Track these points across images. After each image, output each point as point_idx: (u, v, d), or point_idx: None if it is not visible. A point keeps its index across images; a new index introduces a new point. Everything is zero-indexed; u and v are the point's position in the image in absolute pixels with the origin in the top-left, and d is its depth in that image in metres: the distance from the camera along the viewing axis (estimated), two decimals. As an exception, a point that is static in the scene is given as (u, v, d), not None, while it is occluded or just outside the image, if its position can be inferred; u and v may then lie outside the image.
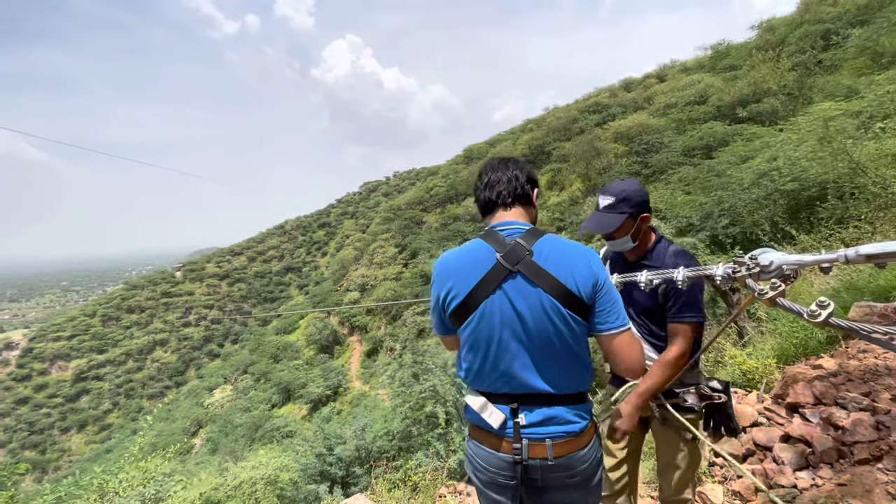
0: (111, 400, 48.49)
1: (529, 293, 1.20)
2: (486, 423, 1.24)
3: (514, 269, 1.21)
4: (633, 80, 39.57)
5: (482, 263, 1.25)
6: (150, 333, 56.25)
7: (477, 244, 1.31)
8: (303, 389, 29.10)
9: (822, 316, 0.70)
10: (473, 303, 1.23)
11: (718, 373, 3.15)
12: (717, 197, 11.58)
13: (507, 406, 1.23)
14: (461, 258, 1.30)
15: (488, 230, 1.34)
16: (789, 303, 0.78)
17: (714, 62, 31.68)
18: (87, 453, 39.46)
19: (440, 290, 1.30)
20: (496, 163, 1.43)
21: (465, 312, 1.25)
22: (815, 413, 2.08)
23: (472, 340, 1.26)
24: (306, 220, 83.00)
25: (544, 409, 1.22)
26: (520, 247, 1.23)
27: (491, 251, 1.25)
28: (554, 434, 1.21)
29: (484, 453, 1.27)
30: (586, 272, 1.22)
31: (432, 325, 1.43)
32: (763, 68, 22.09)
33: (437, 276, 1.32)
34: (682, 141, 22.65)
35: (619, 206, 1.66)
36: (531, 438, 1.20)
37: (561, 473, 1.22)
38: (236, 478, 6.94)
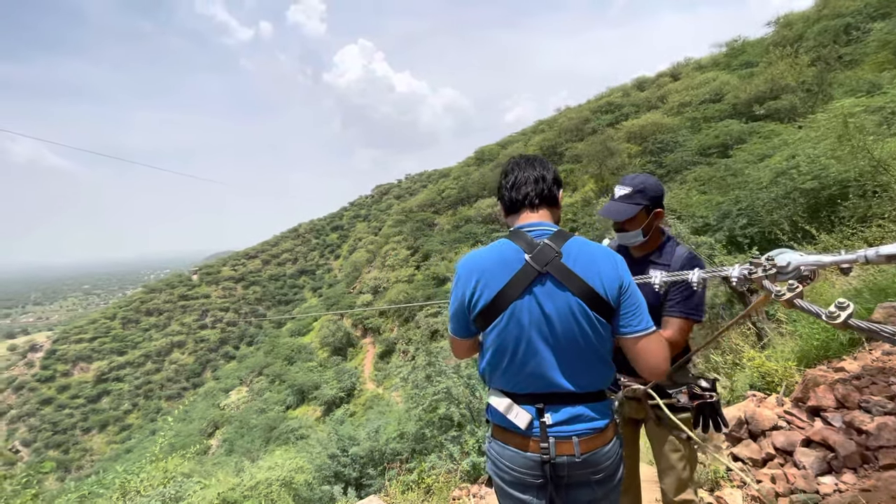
0: (131, 401, 49.52)
1: (558, 295, 1.20)
2: (512, 423, 1.24)
3: (543, 270, 1.21)
4: (646, 80, 39.13)
5: (511, 264, 1.24)
6: (168, 335, 57.33)
7: (504, 244, 1.29)
8: (317, 391, 29.34)
9: (841, 317, 0.69)
10: (503, 303, 1.22)
11: (737, 375, 3.10)
12: (734, 196, 11.38)
13: (532, 406, 1.24)
14: (488, 258, 1.28)
15: (515, 230, 1.32)
16: (808, 304, 0.77)
17: (729, 59, 31.16)
18: (108, 453, 40.31)
19: (465, 289, 1.27)
20: (522, 162, 1.42)
21: (493, 313, 1.24)
22: (837, 417, 2.03)
23: (500, 341, 1.25)
24: (319, 224, 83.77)
25: (569, 408, 1.23)
26: (549, 248, 1.23)
27: (519, 252, 1.25)
28: (580, 431, 1.22)
29: (510, 453, 1.27)
30: (613, 275, 1.23)
31: (449, 328, 1.37)
32: (781, 64, 21.66)
33: (462, 276, 1.30)
34: (697, 140, 22.32)
35: (634, 197, 1.66)
36: (558, 437, 1.21)
37: (586, 470, 1.23)
38: (252, 478, 7.04)
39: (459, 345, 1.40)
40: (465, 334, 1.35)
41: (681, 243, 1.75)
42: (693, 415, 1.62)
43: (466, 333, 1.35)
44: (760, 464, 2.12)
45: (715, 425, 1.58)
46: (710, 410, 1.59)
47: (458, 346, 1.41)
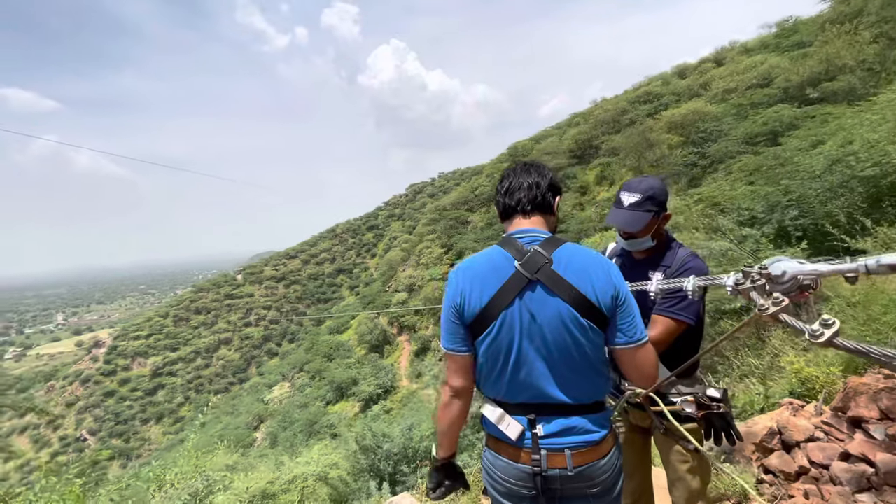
0: (183, 394, 52.57)
1: (548, 303, 1.18)
2: (503, 434, 1.22)
3: (533, 277, 1.18)
4: (687, 66, 37.32)
5: (501, 272, 1.22)
6: (216, 333, 60.35)
7: (495, 252, 1.28)
8: (355, 387, 30.03)
9: (825, 336, 0.62)
10: (493, 312, 1.20)
11: (774, 381, 2.90)
12: (783, 187, 10.68)
13: (524, 417, 1.22)
14: (479, 266, 1.27)
15: (506, 238, 1.31)
16: (791, 319, 0.71)
17: (780, 40, 29.21)
18: (164, 443, 42.94)
19: (456, 298, 1.25)
20: (519, 168, 1.40)
21: (484, 322, 1.21)
22: (880, 429, 1.86)
23: (491, 350, 1.22)
24: (355, 223, 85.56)
25: (562, 420, 1.20)
26: (539, 255, 1.20)
27: (509, 259, 1.23)
28: (573, 444, 1.19)
29: (502, 464, 1.25)
30: (606, 283, 1.19)
31: (442, 342, 1.31)
32: (837, 43, 20.07)
33: (453, 285, 1.27)
34: (743, 128, 21.07)
35: (645, 204, 1.59)
36: (550, 449, 1.19)
37: (581, 484, 1.20)
38: (290, 472, 7.29)
39: (455, 362, 1.29)
40: (460, 346, 1.27)
41: (682, 245, 1.68)
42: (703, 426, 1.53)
43: (461, 345, 1.27)
44: (793, 478, 1.98)
45: (728, 438, 1.49)
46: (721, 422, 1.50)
47: (454, 363, 1.29)
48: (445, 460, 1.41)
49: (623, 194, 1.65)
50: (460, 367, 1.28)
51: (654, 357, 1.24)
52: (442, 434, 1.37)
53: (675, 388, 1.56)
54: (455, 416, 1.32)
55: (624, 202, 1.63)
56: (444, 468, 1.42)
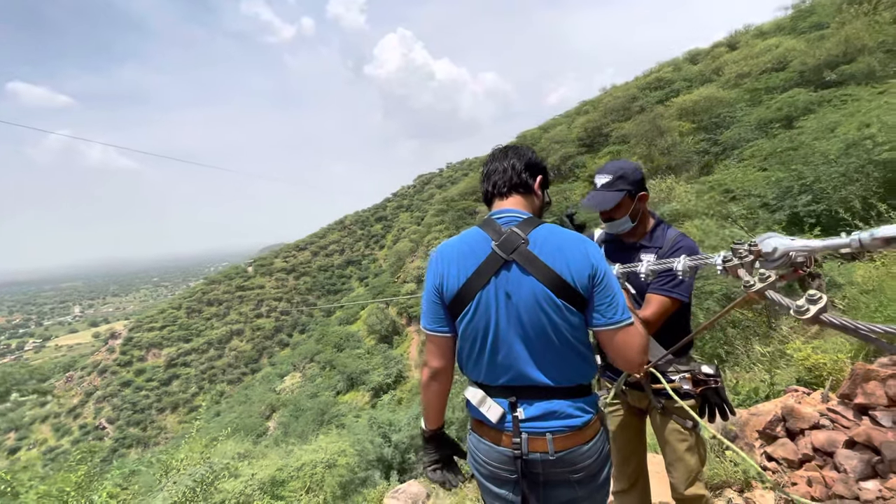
0: (197, 384, 53.55)
1: (523, 282, 1.17)
2: (485, 416, 1.22)
3: (508, 257, 1.18)
4: (699, 51, 36.41)
5: (478, 252, 1.22)
6: (228, 324, 61.19)
7: (474, 233, 1.28)
8: (365, 376, 30.34)
9: (811, 312, 0.59)
10: (470, 293, 1.20)
11: (781, 369, 2.86)
12: (796, 172, 10.43)
13: (505, 399, 1.21)
14: (457, 247, 1.27)
15: (486, 219, 1.30)
16: (777, 296, 0.67)
17: (796, 22, 28.36)
18: (179, 431, 43.91)
19: (436, 279, 1.26)
20: (497, 153, 1.41)
21: (461, 303, 1.21)
22: (887, 416, 1.81)
23: (469, 331, 1.22)
24: (364, 215, 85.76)
25: (543, 403, 1.19)
26: (515, 235, 1.20)
27: (487, 239, 1.23)
28: (554, 428, 1.18)
29: (484, 447, 1.26)
30: (583, 262, 1.16)
31: (423, 322, 1.32)
32: (857, 23, 19.44)
33: (433, 266, 1.29)
34: (756, 113, 20.59)
35: (616, 184, 1.61)
36: (530, 432, 1.18)
37: (563, 468, 1.19)
38: (299, 460, 7.42)
39: (434, 342, 1.29)
40: (440, 326, 1.27)
41: (671, 226, 1.69)
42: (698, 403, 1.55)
43: (441, 325, 1.27)
44: (797, 465, 1.95)
45: (721, 413, 1.51)
46: (715, 398, 1.52)
47: (433, 343, 1.30)
48: (432, 431, 1.43)
49: (596, 177, 1.68)
50: (439, 347, 1.29)
51: (640, 341, 1.19)
52: (426, 411, 1.40)
53: (672, 366, 1.58)
54: (434, 395, 1.34)
55: (597, 184, 1.66)
56: (434, 439, 1.44)
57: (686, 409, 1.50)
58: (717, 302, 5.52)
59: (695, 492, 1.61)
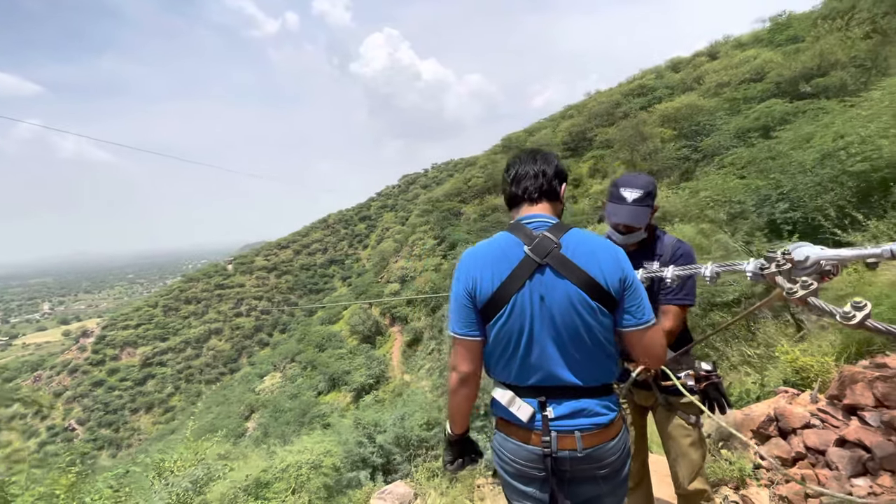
0: (173, 384, 52.24)
1: (558, 286, 1.21)
2: (514, 416, 1.25)
3: (542, 261, 1.21)
4: (681, 60, 37.29)
5: (511, 256, 1.25)
6: (206, 323, 59.89)
7: (504, 237, 1.30)
8: (347, 377, 30.08)
9: (857, 318, 0.63)
10: (505, 296, 1.22)
11: (768, 370, 2.96)
12: (774, 180, 10.78)
13: (534, 399, 1.24)
14: (489, 251, 1.29)
15: (515, 223, 1.33)
16: (822, 303, 0.71)
17: (773, 35, 29.31)
18: (153, 433, 42.76)
19: (468, 283, 1.27)
20: (524, 156, 1.44)
21: (496, 306, 1.23)
22: (875, 416, 1.90)
23: (503, 334, 1.24)
24: (348, 214, 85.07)
25: (572, 402, 1.23)
26: (548, 240, 1.24)
27: (519, 244, 1.26)
28: (583, 426, 1.22)
29: (512, 446, 1.28)
30: (615, 266, 1.22)
31: (453, 327, 1.30)
32: (830, 38, 20.20)
33: (464, 270, 1.29)
34: (735, 122, 21.20)
35: (646, 200, 1.66)
36: (560, 431, 1.21)
37: (590, 465, 1.23)
38: (283, 461, 7.31)
39: (466, 347, 1.29)
40: (471, 330, 1.28)
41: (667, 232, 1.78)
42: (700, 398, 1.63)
43: (472, 329, 1.28)
44: (790, 463, 2.03)
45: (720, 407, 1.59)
46: (714, 392, 1.61)
47: (464, 348, 1.29)
48: (459, 436, 1.45)
49: (624, 190, 1.68)
50: (470, 351, 1.29)
51: (663, 338, 1.28)
52: (453, 416, 1.41)
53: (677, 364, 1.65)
54: (463, 400, 1.34)
55: (627, 198, 1.67)
56: (459, 442, 1.46)
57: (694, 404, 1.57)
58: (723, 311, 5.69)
59: (697, 486, 1.66)
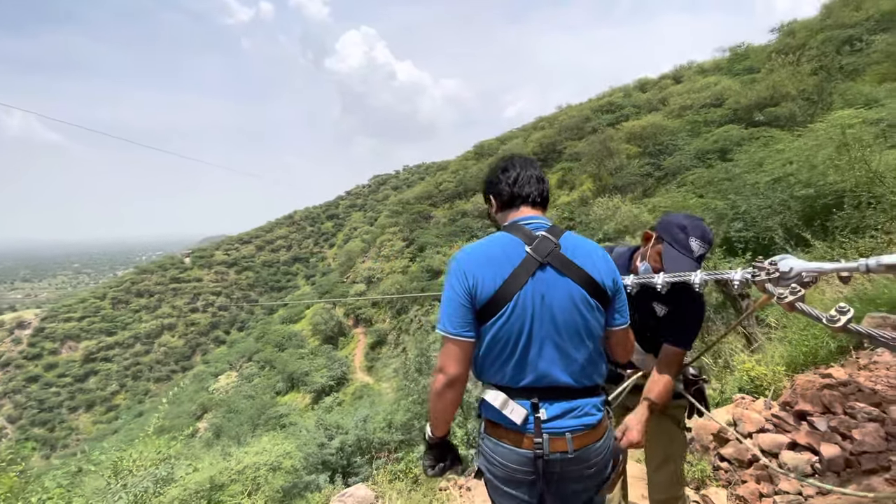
0: (119, 381, 49.32)
1: (560, 284, 1.23)
2: (506, 419, 1.22)
3: (544, 260, 1.23)
4: (648, 81, 39.04)
5: (512, 256, 1.25)
6: (159, 318, 57.03)
7: (503, 237, 1.30)
8: (306, 378, 29.38)
9: (841, 321, 0.71)
10: (506, 295, 1.21)
11: (727, 378, 3.16)
12: (730, 201, 11.44)
13: (527, 401, 1.23)
14: (489, 250, 1.27)
15: (513, 224, 1.34)
16: (809, 308, 0.79)
17: (732, 64, 31.17)
18: (94, 433, 40.19)
19: (467, 282, 1.23)
20: (523, 161, 1.45)
21: (496, 306, 1.21)
22: (823, 421, 2.07)
23: (501, 334, 1.22)
24: (315, 211, 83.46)
25: (563, 403, 1.23)
26: (547, 240, 1.26)
27: (520, 243, 1.26)
28: (573, 427, 1.22)
29: (503, 450, 1.25)
30: (609, 267, 1.31)
31: (445, 326, 1.24)
32: (782, 72, 21.70)
33: (463, 268, 1.25)
34: (696, 144, 22.36)
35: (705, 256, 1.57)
36: (552, 433, 1.21)
37: (579, 465, 1.24)
38: (240, 462, 7.05)
39: (458, 347, 1.24)
40: (466, 331, 1.23)
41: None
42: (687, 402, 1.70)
43: (468, 330, 1.23)
44: (746, 465, 2.17)
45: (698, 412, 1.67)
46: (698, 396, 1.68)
47: (456, 348, 1.24)
48: (440, 439, 1.42)
49: (693, 241, 1.53)
50: (462, 352, 1.24)
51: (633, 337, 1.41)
52: (436, 419, 1.37)
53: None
54: (449, 403, 1.29)
55: (694, 252, 1.52)
56: (440, 445, 1.43)
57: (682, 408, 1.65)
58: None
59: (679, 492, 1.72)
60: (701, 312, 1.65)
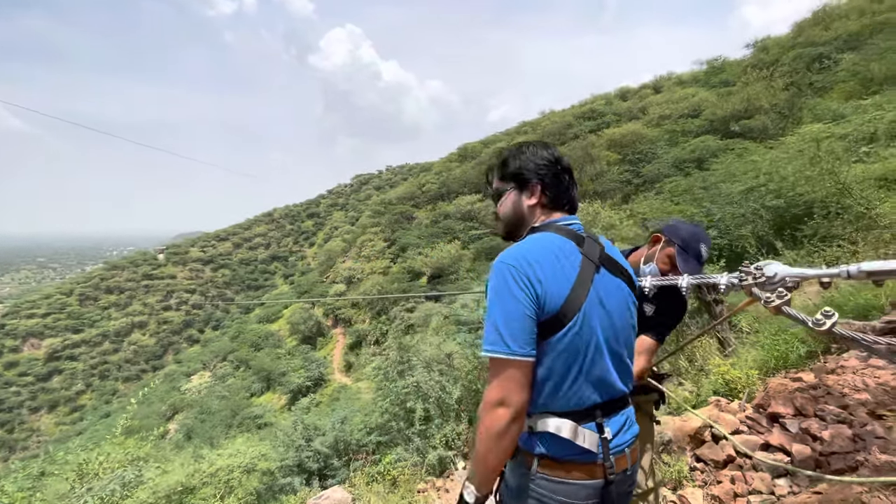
0: (84, 381, 47.44)
1: (614, 286, 1.15)
2: (579, 450, 1.06)
3: (598, 262, 1.14)
4: (629, 90, 39.95)
5: (571, 258, 1.11)
6: (129, 315, 55.16)
7: (554, 238, 1.14)
8: (283, 378, 28.89)
9: (826, 325, 0.73)
10: (576, 303, 1.06)
11: (702, 381, 3.25)
12: (706, 209, 11.79)
13: (592, 422, 1.08)
14: (548, 252, 1.10)
15: (558, 225, 1.19)
16: (794, 311, 0.81)
17: (709, 77, 32.16)
18: (56, 434, 38.58)
19: (534, 289, 1.05)
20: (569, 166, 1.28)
21: (565, 316, 1.05)
22: (794, 423, 2.15)
23: (571, 348, 1.07)
24: (295, 209, 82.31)
25: (619, 416, 1.13)
26: (592, 240, 1.17)
27: (572, 245, 1.14)
28: (630, 441, 1.13)
29: (569, 487, 1.06)
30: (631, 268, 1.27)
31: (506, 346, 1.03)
32: (757, 86, 22.52)
33: (526, 273, 1.06)
34: (674, 153, 22.96)
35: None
36: (615, 452, 1.08)
37: (628, 482, 1.13)
38: (212, 465, 6.86)
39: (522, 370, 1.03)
40: (532, 349, 1.05)
41: None
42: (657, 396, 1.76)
43: (533, 348, 1.05)
44: (721, 465, 2.23)
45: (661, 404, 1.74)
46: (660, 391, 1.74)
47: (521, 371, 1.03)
48: (485, 496, 1.12)
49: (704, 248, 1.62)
50: (526, 376, 1.04)
51: None
52: (492, 469, 1.07)
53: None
54: (510, 445, 1.04)
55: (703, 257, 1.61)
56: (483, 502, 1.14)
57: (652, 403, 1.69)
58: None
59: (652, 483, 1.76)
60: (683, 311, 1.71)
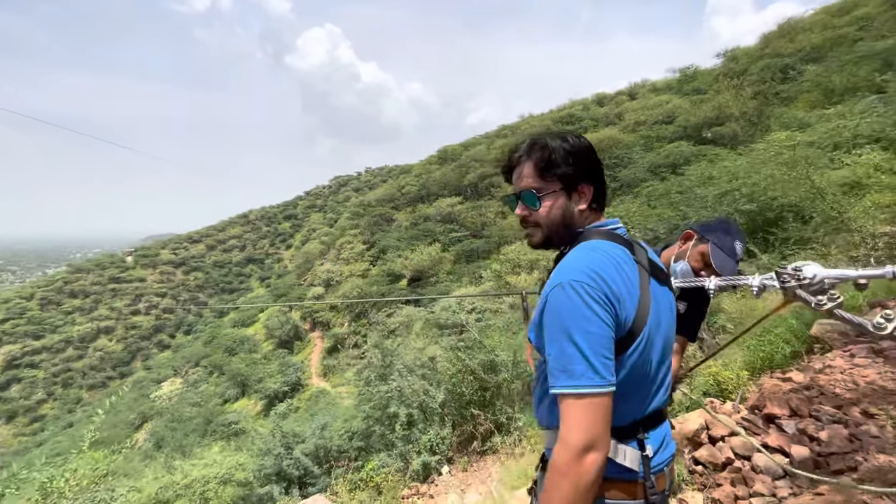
0: (46, 390, 45.23)
1: (662, 295, 1.06)
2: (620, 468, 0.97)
3: (649, 270, 1.05)
4: (605, 96, 40.84)
5: (630, 267, 1.00)
6: (95, 320, 52.94)
7: (611, 246, 1.01)
8: (259, 384, 28.18)
9: (888, 329, 0.70)
10: (643, 317, 0.97)
11: (693, 382, 3.28)
12: (682, 212, 12.09)
13: (633, 439, 0.99)
14: (612, 261, 0.98)
15: (608, 231, 1.07)
16: (851, 315, 0.79)
17: (682, 84, 33.21)
18: (14, 446, 36.61)
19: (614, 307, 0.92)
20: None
21: (633, 334, 0.95)
22: (791, 424, 2.18)
23: (637, 366, 0.97)
24: (272, 211, 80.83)
25: (658, 431, 1.04)
26: (640, 246, 1.09)
27: (628, 254, 1.03)
28: (669, 459, 1.05)
29: None
30: None
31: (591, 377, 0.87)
32: (727, 94, 23.36)
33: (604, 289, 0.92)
34: (649, 158, 23.56)
35: None
36: (656, 471, 1.00)
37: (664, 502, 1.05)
38: (186, 476, 6.60)
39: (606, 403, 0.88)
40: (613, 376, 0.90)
41: None
42: None
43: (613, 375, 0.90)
44: (720, 467, 2.23)
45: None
46: None
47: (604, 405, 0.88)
48: None
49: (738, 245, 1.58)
50: (609, 409, 0.89)
51: None
52: None
53: None
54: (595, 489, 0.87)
55: (738, 254, 1.57)
56: None
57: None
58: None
59: None
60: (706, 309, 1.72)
